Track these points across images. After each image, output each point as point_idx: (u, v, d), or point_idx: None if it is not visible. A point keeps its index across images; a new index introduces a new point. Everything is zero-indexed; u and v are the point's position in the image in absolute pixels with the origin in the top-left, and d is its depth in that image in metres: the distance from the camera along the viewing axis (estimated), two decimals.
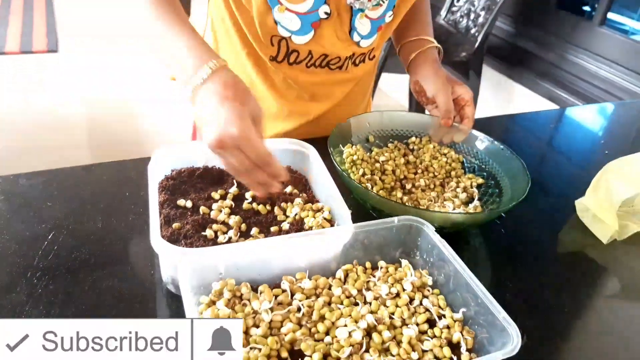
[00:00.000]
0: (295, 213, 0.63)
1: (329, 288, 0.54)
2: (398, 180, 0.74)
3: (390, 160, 0.76)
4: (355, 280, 0.54)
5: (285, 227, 0.62)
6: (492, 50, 2.38)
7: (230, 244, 0.54)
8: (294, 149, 0.71)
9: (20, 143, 2.26)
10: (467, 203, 0.71)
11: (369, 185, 0.71)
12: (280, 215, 0.64)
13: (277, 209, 0.64)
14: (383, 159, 0.76)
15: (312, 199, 0.67)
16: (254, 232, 0.60)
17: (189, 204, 0.63)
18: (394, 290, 0.54)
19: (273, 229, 0.61)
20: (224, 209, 0.63)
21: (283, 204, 0.65)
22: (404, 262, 0.58)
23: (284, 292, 0.52)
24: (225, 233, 0.59)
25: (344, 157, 0.74)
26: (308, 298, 0.52)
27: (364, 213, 0.68)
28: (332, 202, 0.63)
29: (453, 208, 0.68)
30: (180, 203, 0.63)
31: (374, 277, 0.56)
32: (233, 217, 0.61)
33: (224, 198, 0.65)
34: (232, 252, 0.52)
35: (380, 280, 0.55)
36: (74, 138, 2.39)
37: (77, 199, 0.66)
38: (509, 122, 1.15)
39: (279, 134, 0.86)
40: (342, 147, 0.75)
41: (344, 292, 0.53)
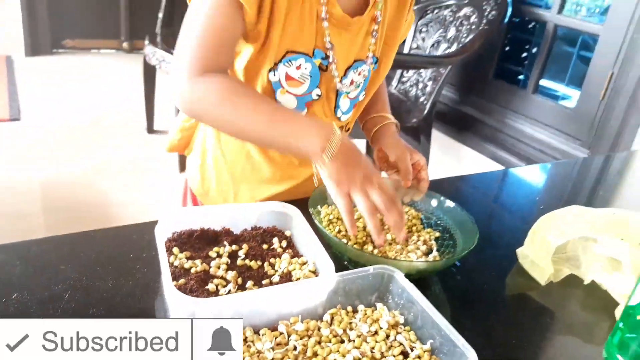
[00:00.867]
0: (284, 267, 0.73)
1: (319, 329, 0.64)
2: (368, 235, 0.86)
3: (361, 218, 0.88)
4: (340, 322, 0.64)
5: (276, 279, 0.71)
6: (440, 117, 2.61)
7: (233, 295, 0.63)
8: (280, 211, 0.82)
9: None
10: (427, 254, 0.84)
11: (345, 240, 0.82)
12: (270, 270, 0.74)
13: (267, 265, 0.74)
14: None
15: (297, 254, 0.77)
16: (249, 284, 0.70)
17: (191, 262, 0.72)
18: (373, 329, 0.64)
19: (265, 282, 0.71)
20: (222, 266, 0.72)
21: (272, 260, 0.75)
22: (379, 305, 0.68)
23: (281, 334, 0.62)
24: (225, 286, 0.68)
25: (322, 216, 0.86)
26: (302, 338, 0.62)
27: (341, 265, 0.78)
28: (315, 256, 0.74)
29: (416, 258, 0.80)
30: (183, 261, 0.72)
31: (355, 318, 0.66)
32: (230, 272, 0.71)
33: (220, 256, 0.75)
34: (235, 301, 0.62)
35: (361, 321, 0.65)
36: (28, 206, 2.39)
37: (87, 262, 0.74)
38: (459, 182, 1.30)
39: (272, 196, 0.98)
40: (319, 207, 0.87)
41: (331, 332, 0.63)
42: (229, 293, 0.67)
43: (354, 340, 0.62)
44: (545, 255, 0.85)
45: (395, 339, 0.64)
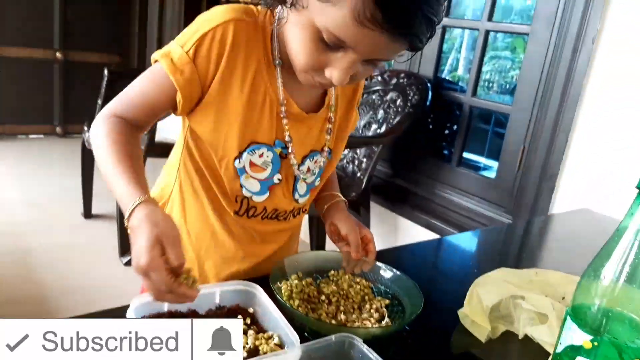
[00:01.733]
0: (251, 343, 0.78)
1: None
2: (326, 306, 0.93)
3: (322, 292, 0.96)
4: None
5: (244, 355, 0.76)
6: (376, 190, 2.78)
7: None
8: (242, 289, 0.87)
9: None
10: (379, 320, 0.92)
11: (305, 313, 0.89)
12: None
13: None
14: (311, 289, 0.95)
15: (262, 330, 0.83)
16: None
17: None
18: None
19: None
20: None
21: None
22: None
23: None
24: None
25: (282, 292, 0.92)
26: None
27: (304, 336, 0.84)
28: (279, 329, 0.80)
29: (371, 325, 0.88)
30: None
31: None
32: None
33: None
34: None
35: None
36: None
37: None
38: (399, 252, 1.41)
39: (236, 272, 1.03)
40: (279, 283, 0.94)
41: None
42: None
43: None
44: (482, 314, 0.96)
45: None
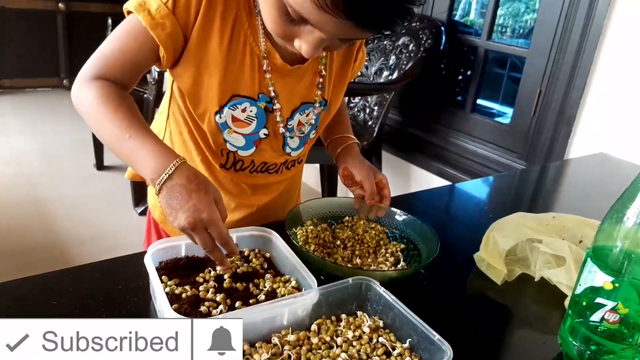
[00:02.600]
0: (268, 286, 0.79)
1: (308, 338, 0.70)
2: (341, 250, 0.93)
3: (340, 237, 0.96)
4: (327, 330, 0.71)
5: (262, 298, 0.77)
6: (388, 138, 2.75)
7: (228, 313, 0.68)
8: (258, 235, 0.87)
9: None
10: (395, 264, 0.92)
11: (321, 257, 0.89)
12: (255, 290, 0.79)
13: (251, 285, 0.80)
14: (326, 235, 0.95)
15: (279, 274, 0.83)
16: (238, 304, 0.75)
17: (181, 288, 0.76)
18: (357, 334, 0.71)
19: (252, 301, 0.76)
20: (210, 289, 0.77)
21: (256, 280, 0.81)
22: (360, 312, 0.75)
23: (275, 345, 0.67)
24: (216, 307, 0.73)
25: (298, 237, 0.92)
26: (294, 348, 0.67)
27: (319, 279, 0.85)
28: (296, 273, 0.80)
29: (387, 268, 0.88)
30: (174, 288, 0.76)
31: (340, 326, 0.72)
32: (218, 294, 0.76)
33: (207, 281, 0.79)
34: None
35: (345, 328, 0.72)
36: None
37: (77, 297, 0.77)
38: (413, 199, 1.40)
39: (227, 224, 1.02)
40: (295, 229, 0.94)
41: (320, 340, 0.69)
42: (221, 313, 0.72)
43: (341, 346, 0.69)
44: (499, 258, 0.95)
45: (378, 341, 0.71)
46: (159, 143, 0.75)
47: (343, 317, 0.74)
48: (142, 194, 2.75)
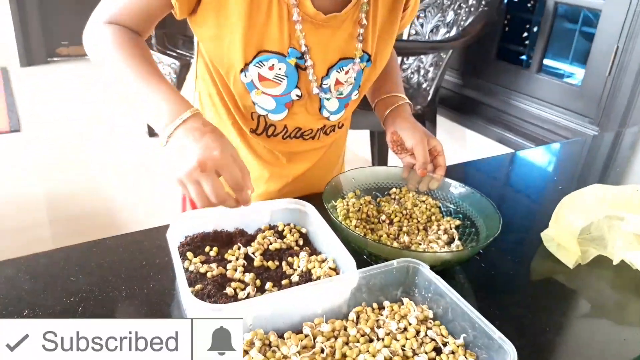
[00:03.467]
0: (303, 266, 0.70)
1: (345, 329, 0.61)
2: (387, 227, 0.83)
3: (385, 211, 0.85)
4: (367, 320, 0.62)
5: (295, 279, 0.69)
6: (443, 102, 2.58)
7: (254, 298, 0.60)
8: (294, 208, 0.79)
9: None
10: (449, 243, 0.81)
11: (363, 234, 0.79)
12: (289, 270, 0.71)
13: (284, 264, 0.71)
14: (370, 208, 0.85)
15: (315, 252, 0.74)
16: (268, 286, 0.67)
17: (206, 267, 0.69)
18: (402, 325, 0.61)
19: (284, 282, 0.68)
20: (238, 268, 0.69)
21: (289, 259, 0.72)
22: (406, 299, 0.65)
23: (307, 336, 0.59)
24: (244, 289, 0.65)
25: (338, 211, 0.83)
26: (328, 340, 0.59)
27: (361, 260, 0.75)
28: (334, 252, 0.71)
29: (439, 248, 0.77)
30: (198, 266, 0.69)
31: (382, 315, 0.63)
32: (247, 274, 0.68)
33: (236, 258, 0.72)
34: (257, 305, 0.59)
35: (388, 318, 0.62)
36: (34, 218, 2.37)
37: (98, 272, 0.71)
38: (468, 168, 1.27)
39: (262, 195, 0.94)
40: (334, 202, 0.84)
41: (359, 331, 0.60)
42: (248, 296, 0.64)
43: (383, 339, 0.59)
44: (571, 237, 0.82)
45: (426, 335, 0.61)
46: (176, 92, 0.70)
47: (386, 305, 0.65)
48: None
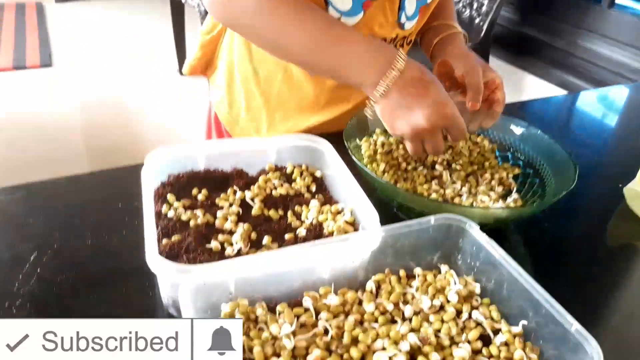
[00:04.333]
0: (312, 217, 0.55)
1: (359, 304, 0.46)
2: (422, 175, 0.66)
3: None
4: (390, 293, 0.46)
5: (302, 233, 0.53)
6: (498, 40, 2.30)
7: (240, 257, 0.45)
8: (306, 145, 0.62)
9: (17, 158, 2.20)
10: (504, 196, 0.63)
11: (393, 182, 0.62)
12: (295, 221, 0.56)
13: (290, 214, 0.56)
14: (403, 152, 0.68)
15: (330, 201, 0.59)
16: (266, 241, 0.52)
17: (189, 213, 0.54)
18: (437, 303, 0.45)
19: (287, 237, 0.53)
20: (231, 217, 0.54)
21: (297, 208, 0.57)
22: (444, 268, 0.49)
23: (307, 311, 0.44)
24: (233, 245, 0.51)
25: (362, 152, 0.66)
26: (336, 317, 0.44)
27: (389, 214, 0.59)
28: (353, 202, 0.55)
29: (491, 203, 0.60)
30: (180, 212, 0.54)
31: (411, 287, 0.47)
32: (241, 225, 0.53)
33: (230, 205, 0.57)
34: (242, 266, 0.44)
35: (419, 291, 0.47)
36: (71, 150, 2.32)
37: (63, 214, 0.59)
38: (527, 108, 1.06)
39: (316, 126, 0.78)
40: (358, 141, 0.67)
41: (378, 307, 0.45)
42: (239, 254, 0.50)
43: (411, 320, 0.44)
44: None
45: (470, 317, 0.45)
46: (368, 38, 0.61)
47: (417, 273, 0.49)
48: None
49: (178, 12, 2.99)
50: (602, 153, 0.89)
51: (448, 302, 0.46)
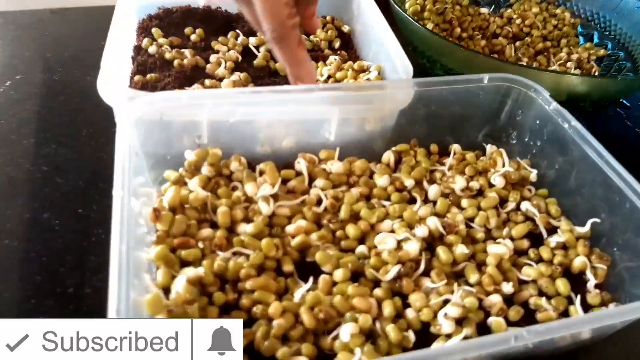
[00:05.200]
0: (328, 73, 0.43)
1: (371, 176, 0.34)
2: (480, 46, 0.52)
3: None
4: (413, 167, 0.35)
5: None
6: None
7: (218, 89, 0.34)
8: None
9: None
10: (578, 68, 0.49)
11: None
12: None
13: None
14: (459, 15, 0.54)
15: (353, 58, 0.46)
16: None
17: (175, 52, 0.43)
18: (474, 186, 0.34)
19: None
20: (226, 62, 0.43)
21: (313, 64, 0.45)
22: (491, 147, 0.37)
23: (299, 175, 0.33)
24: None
25: (407, 6, 0.52)
26: (336, 187, 0.33)
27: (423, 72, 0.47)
28: (385, 60, 0.42)
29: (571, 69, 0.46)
30: (164, 50, 0.43)
31: (443, 165, 0.36)
32: (238, 74, 0.42)
33: (228, 49, 0.45)
34: (219, 101, 0.33)
35: (453, 170, 0.35)
36: None
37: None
38: None
39: None
40: None
41: (394, 182, 0.33)
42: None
43: (435, 202, 0.33)
44: None
45: (519, 209, 0.33)
46: None
47: (455, 150, 0.37)
48: None
49: None
50: None
51: (490, 187, 0.34)
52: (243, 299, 0.26)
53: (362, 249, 0.29)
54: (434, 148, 0.37)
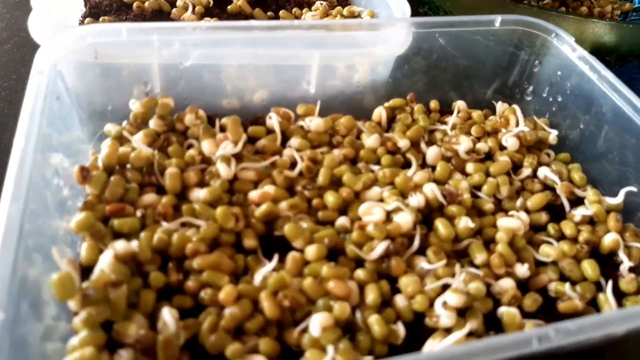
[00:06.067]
0: (311, 17, 0.37)
1: (358, 136, 0.29)
2: None
3: None
4: (409, 126, 0.29)
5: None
6: None
7: (167, 22, 0.28)
8: None
9: None
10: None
11: None
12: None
13: (283, 14, 0.38)
14: None
15: (345, 4, 0.40)
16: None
17: None
18: (482, 147, 0.28)
19: None
20: (196, 7, 0.37)
21: (296, 10, 0.39)
22: (502, 105, 0.31)
23: (271, 133, 0.27)
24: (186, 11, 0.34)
25: None
26: (315, 148, 0.27)
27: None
28: (378, 3, 0.36)
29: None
30: None
31: (445, 124, 0.30)
32: (208, 19, 0.36)
33: None
34: (169, 38, 0.27)
35: (457, 129, 0.29)
36: None
37: None
38: None
39: None
40: None
41: (385, 143, 0.28)
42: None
43: (434, 167, 0.27)
44: None
45: (536, 176, 0.27)
46: None
47: (459, 106, 0.31)
48: None
49: None
50: None
51: (501, 150, 0.28)
52: (189, 281, 0.21)
53: (342, 221, 0.23)
54: (435, 105, 0.31)
